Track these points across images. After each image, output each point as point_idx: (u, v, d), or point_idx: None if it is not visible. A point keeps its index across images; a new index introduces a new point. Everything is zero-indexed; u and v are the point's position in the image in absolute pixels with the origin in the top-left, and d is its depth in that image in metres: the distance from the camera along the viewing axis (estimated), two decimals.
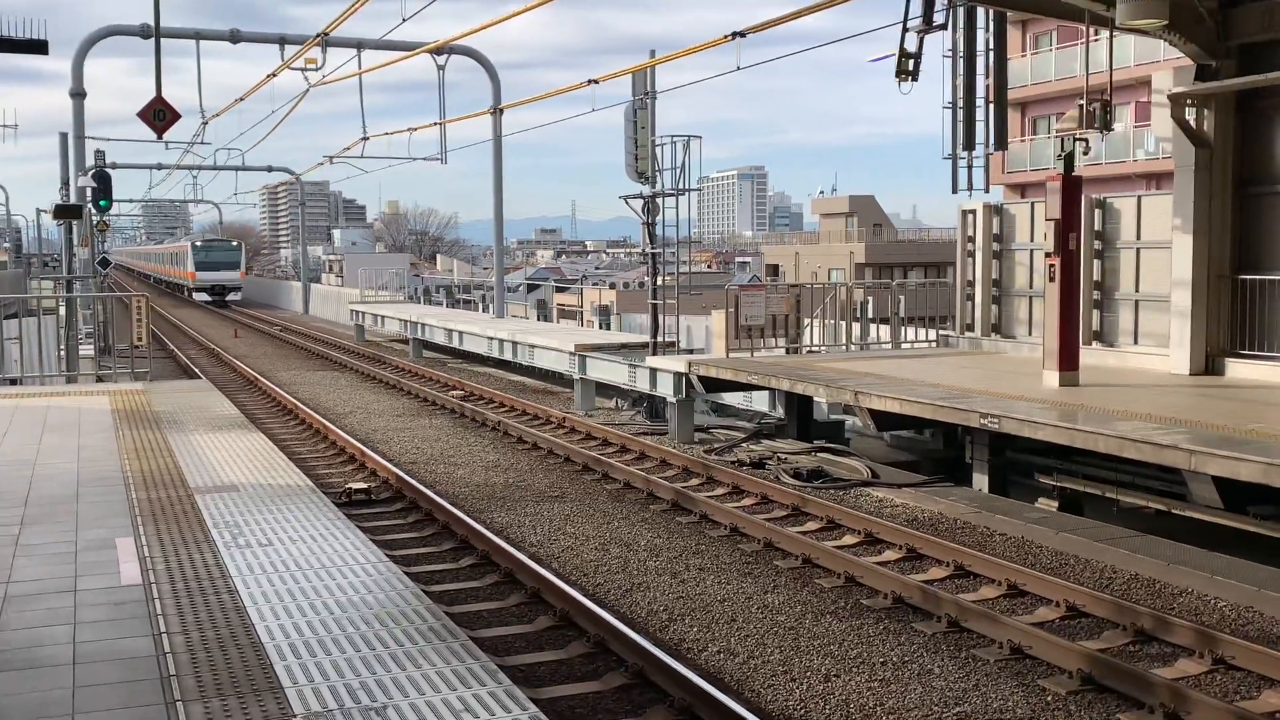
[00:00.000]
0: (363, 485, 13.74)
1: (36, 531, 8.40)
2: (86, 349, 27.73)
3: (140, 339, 19.78)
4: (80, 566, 7.45)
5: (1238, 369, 14.94)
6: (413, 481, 13.71)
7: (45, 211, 43.80)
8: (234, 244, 73.11)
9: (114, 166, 41.52)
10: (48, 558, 7.67)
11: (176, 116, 16.42)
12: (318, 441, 17.99)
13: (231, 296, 68.27)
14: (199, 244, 71.44)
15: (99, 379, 21.25)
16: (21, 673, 5.63)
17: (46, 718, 5.09)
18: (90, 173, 28.38)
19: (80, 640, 6.07)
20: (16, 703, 5.26)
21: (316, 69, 25.79)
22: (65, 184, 30.70)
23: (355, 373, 28.59)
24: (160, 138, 17.00)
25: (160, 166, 52.44)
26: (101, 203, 27.75)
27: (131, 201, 79.04)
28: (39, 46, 6.97)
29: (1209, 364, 15.24)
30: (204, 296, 68.49)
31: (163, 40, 19.83)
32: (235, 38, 29.96)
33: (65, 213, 27.09)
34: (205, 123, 32.07)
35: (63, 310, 25.17)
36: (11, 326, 23.52)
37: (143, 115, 16.09)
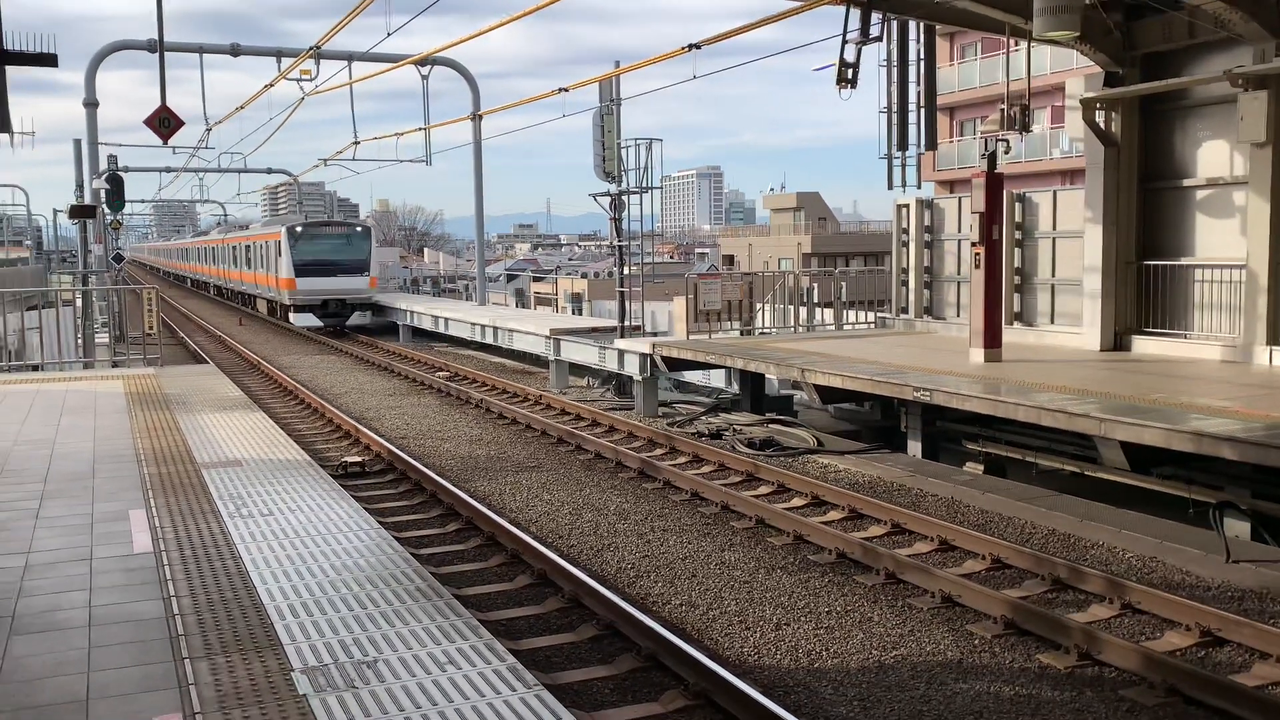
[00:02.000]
0: (357, 458, 13.62)
1: (55, 505, 8.27)
2: (102, 337, 27.35)
3: (151, 328, 19.53)
4: (96, 537, 7.33)
5: (1143, 345, 15.07)
6: (403, 455, 13.61)
7: (62, 212, 43.18)
8: (359, 227, 37.39)
9: (126, 170, 40.86)
10: (65, 529, 7.56)
11: (180, 123, 16.15)
12: (315, 419, 17.82)
13: (355, 319, 35.96)
14: (300, 228, 35.45)
15: (114, 365, 20.95)
16: (41, 634, 5.53)
17: (63, 675, 5.01)
18: (104, 176, 27.93)
19: (95, 604, 5.97)
20: (36, 662, 5.17)
21: (310, 79, 25.48)
22: (80, 186, 30.22)
23: (350, 356, 28.35)
24: (166, 143, 16.72)
25: (169, 170, 51.59)
26: (115, 203, 27.31)
27: (143, 202, 77.80)
28: (48, 60, 6.78)
29: (1117, 341, 15.36)
30: (306, 319, 35.65)
31: (169, 54, 19.51)
32: (236, 51, 29.53)
33: (80, 213, 26.66)
34: (209, 129, 31.57)
35: (80, 302, 24.82)
36: (33, 317, 23.15)
37: (149, 122, 15.83)
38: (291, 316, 35.81)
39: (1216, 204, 14.53)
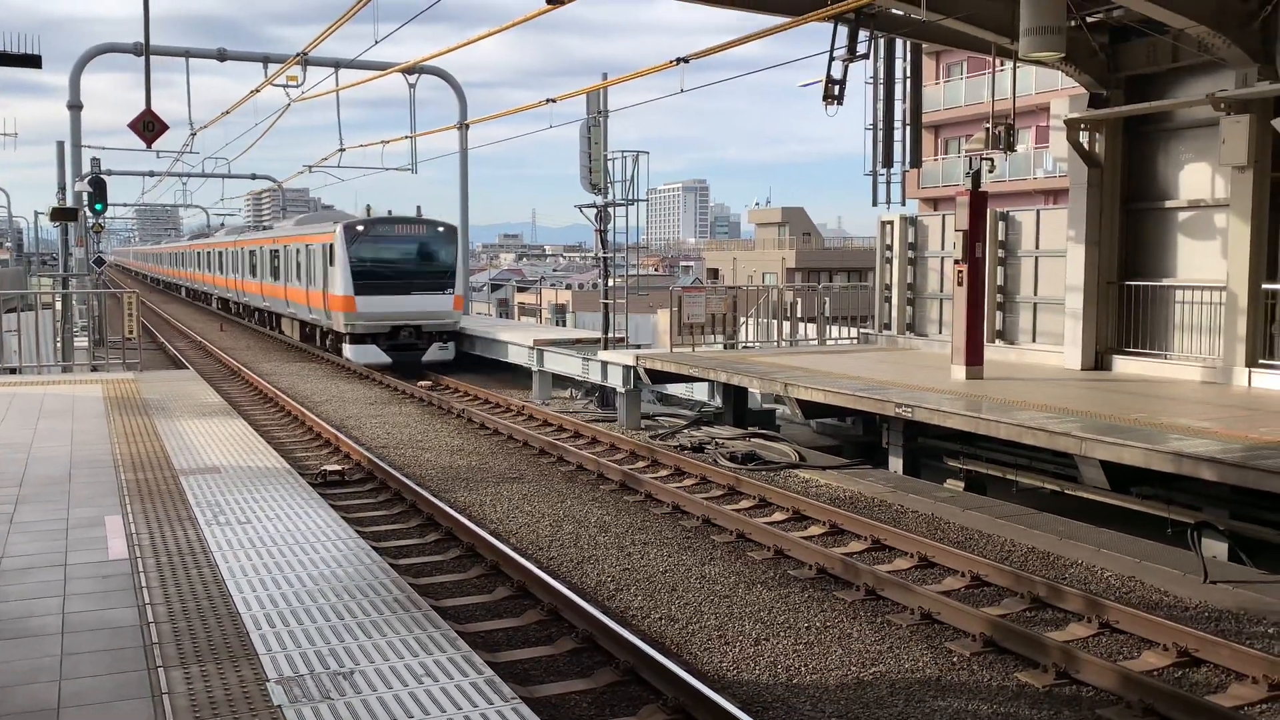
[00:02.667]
0: (336, 467, 13.55)
1: (30, 510, 8.19)
2: (81, 341, 27.17)
3: (131, 332, 19.41)
4: (70, 542, 7.27)
5: (1124, 364, 15.16)
6: (383, 464, 13.54)
7: (44, 214, 42.89)
8: (440, 227, 25.98)
9: (109, 173, 40.75)
10: (40, 534, 7.48)
11: (165, 128, 16.08)
12: (295, 427, 17.73)
13: (437, 354, 25.28)
14: (362, 226, 25.17)
15: (93, 369, 20.82)
16: (13, 641, 5.47)
17: (35, 683, 4.95)
18: (86, 179, 27.77)
19: (69, 611, 5.92)
20: (7, 669, 5.11)
21: (297, 85, 25.43)
22: (62, 189, 30.03)
23: (331, 364, 28.23)
24: (150, 147, 16.65)
25: (152, 174, 51.43)
26: (97, 206, 27.16)
27: (126, 205, 77.46)
28: (33, 61, 6.76)
29: (1098, 360, 15.45)
30: (371, 354, 24.79)
31: (155, 57, 19.42)
32: (222, 56, 29.48)
33: (62, 215, 26.50)
34: (194, 134, 31.47)
35: (59, 305, 24.66)
36: (11, 320, 22.98)
37: (133, 126, 15.75)
38: (347, 349, 24.39)
39: (1198, 226, 14.65)
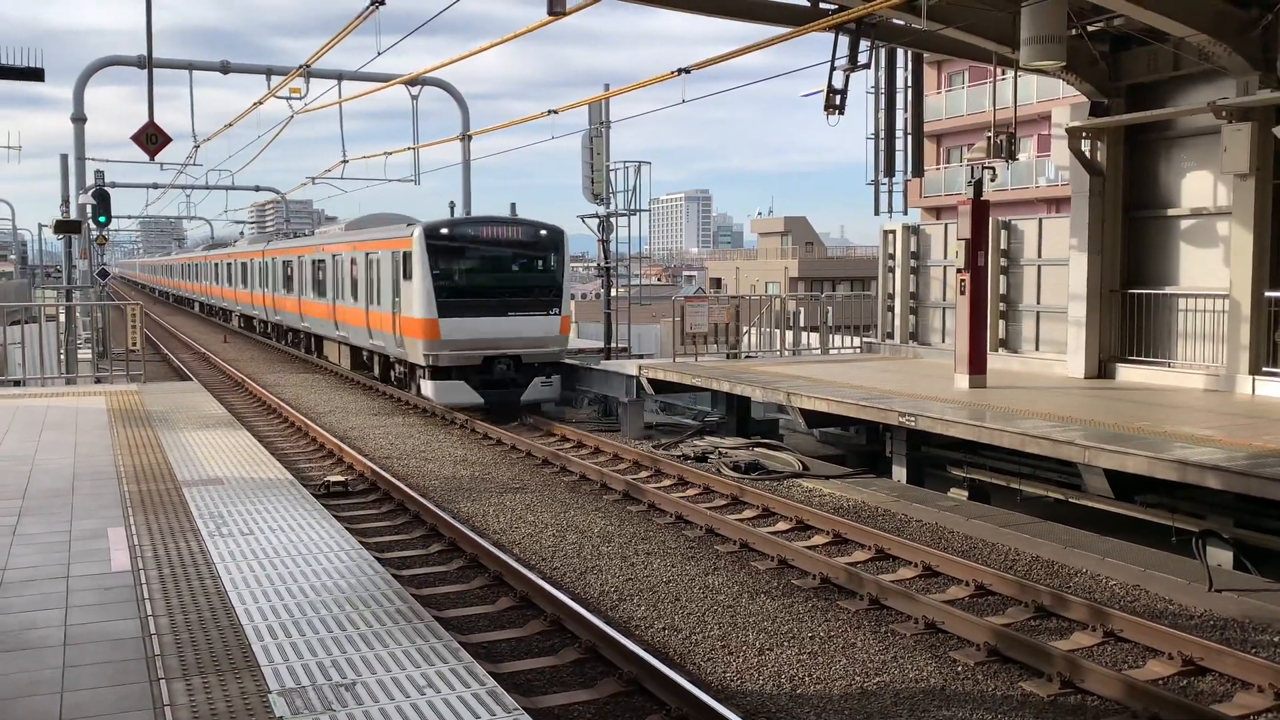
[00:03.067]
0: (340, 478, 13.55)
1: (33, 522, 8.19)
2: (85, 353, 27.21)
3: (135, 344, 19.43)
4: (73, 554, 7.26)
5: (1127, 373, 15.14)
6: (386, 474, 13.54)
7: (47, 226, 43.01)
8: (543, 230, 19.73)
9: (113, 185, 40.84)
10: (43, 546, 7.48)
11: (167, 140, 16.14)
12: (299, 438, 17.73)
13: (540, 392, 19.36)
14: (447, 230, 19.20)
15: (96, 381, 20.84)
16: (14, 653, 5.46)
17: (37, 695, 4.94)
18: (90, 191, 27.84)
19: (71, 623, 5.91)
20: (9, 681, 5.10)
21: (300, 97, 25.47)
22: (66, 201, 30.10)
23: (335, 375, 28.25)
24: (153, 159, 16.71)
25: (156, 186, 51.60)
26: (100, 219, 27.22)
27: (130, 218, 77.77)
28: (35, 74, 6.79)
29: (1101, 368, 15.44)
30: (458, 393, 18.78)
31: (158, 70, 19.49)
32: (225, 69, 29.52)
33: (65, 228, 26.57)
34: (197, 146, 31.53)
35: (63, 317, 24.70)
36: (15, 332, 23.02)
37: (136, 139, 15.81)
38: (428, 386, 18.88)
39: (1200, 234, 14.65)
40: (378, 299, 21.28)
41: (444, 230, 19.06)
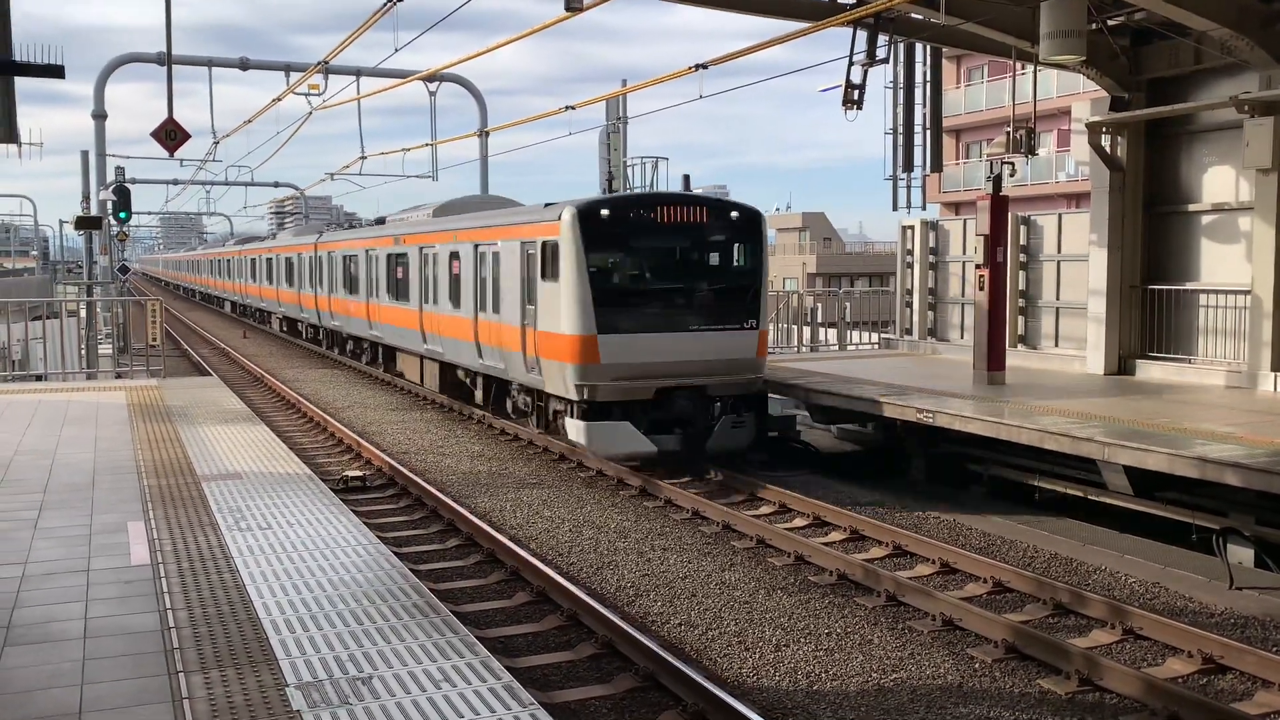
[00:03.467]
0: (358, 473, 13.60)
1: (54, 516, 8.25)
2: (105, 348, 27.41)
3: (155, 339, 19.56)
4: (93, 548, 7.32)
5: (1147, 369, 15.04)
6: (404, 469, 13.58)
7: (68, 222, 43.29)
8: (733, 212, 14.37)
9: (133, 182, 41.09)
10: (63, 540, 7.54)
11: (186, 136, 16.24)
12: (317, 433, 17.81)
13: (730, 437, 13.92)
14: (608, 211, 13.80)
15: (117, 376, 20.99)
16: (35, 646, 5.51)
17: (57, 687, 4.99)
18: (111, 187, 28.04)
19: (91, 616, 5.95)
20: (30, 674, 5.15)
21: (319, 94, 25.62)
22: (86, 198, 30.33)
23: (353, 370, 28.36)
24: (172, 155, 16.83)
25: (176, 182, 51.94)
26: (121, 215, 27.42)
27: (150, 214, 78.37)
28: (56, 71, 6.83)
29: (1121, 365, 15.33)
30: (623, 438, 13.31)
31: (178, 67, 19.64)
32: (245, 65, 29.69)
33: (86, 224, 26.78)
34: (217, 142, 31.78)
35: (84, 312, 24.88)
36: (37, 328, 23.21)
37: (156, 135, 15.92)
38: (578, 429, 13.72)
39: (1222, 229, 14.53)
40: (494, 305, 16.05)
41: (606, 212, 13.75)
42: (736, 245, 14.41)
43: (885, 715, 6.70)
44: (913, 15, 14.81)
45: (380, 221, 25.60)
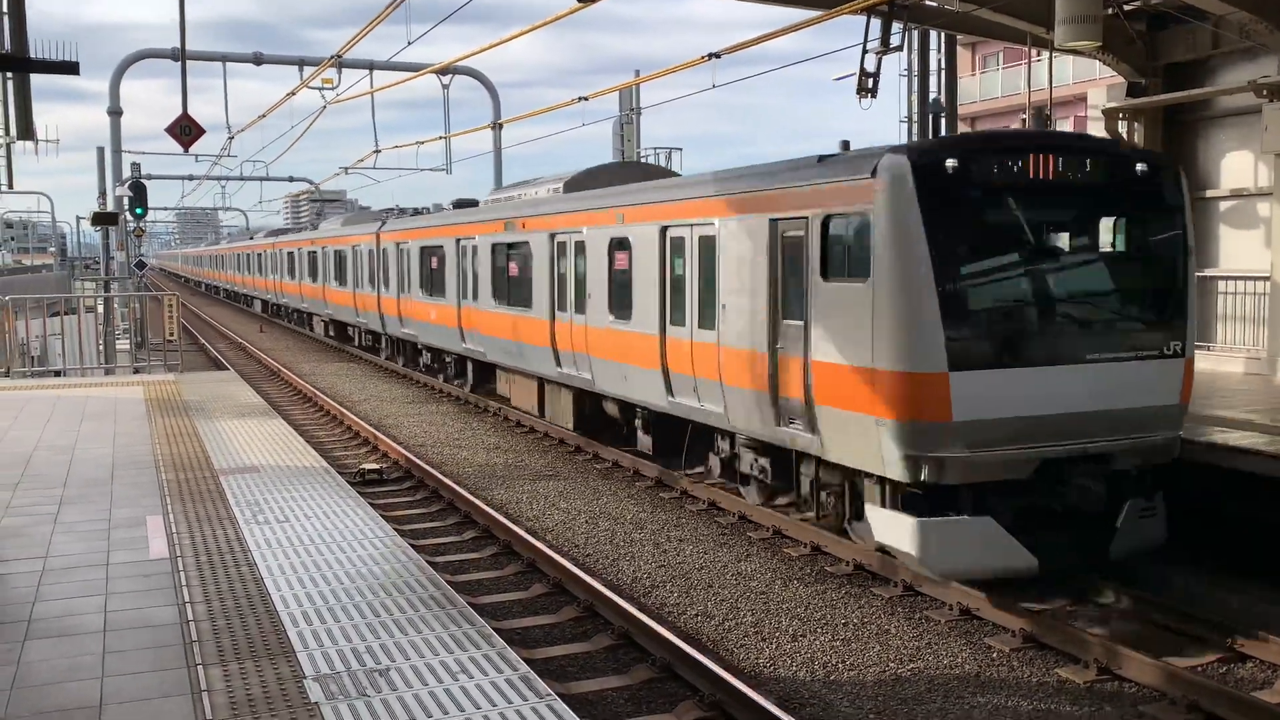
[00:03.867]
0: (375, 466, 13.65)
1: (73, 510, 8.32)
2: (123, 343, 27.56)
3: (172, 334, 19.67)
4: (112, 542, 7.37)
5: None
6: (421, 462, 13.63)
7: (85, 219, 43.52)
8: (1142, 166, 8.75)
9: (149, 177, 41.33)
10: (83, 534, 7.60)
11: (201, 131, 16.31)
12: (334, 426, 17.88)
13: (1144, 532, 8.63)
14: (957, 163, 8.09)
15: (135, 371, 21.11)
16: (57, 639, 5.56)
17: (78, 680, 5.03)
18: (127, 183, 28.18)
19: (111, 610, 6.00)
20: (51, 666, 5.19)
21: (332, 88, 25.67)
22: (103, 194, 30.49)
23: (369, 364, 28.46)
24: (187, 151, 16.91)
25: (191, 177, 52.19)
26: (137, 210, 27.55)
27: (166, 209, 78.78)
28: (70, 67, 6.87)
29: None
30: (979, 544, 8.03)
31: (192, 62, 19.67)
32: (258, 60, 29.76)
33: (102, 220, 26.92)
34: (231, 137, 31.90)
35: (101, 308, 25.04)
36: (55, 324, 23.37)
37: (170, 130, 15.99)
38: (900, 528, 8.38)
39: (1240, 215, 14.41)
40: (703, 317, 11.41)
41: (954, 163, 8.39)
42: (1148, 219, 9.16)
43: (902, 705, 6.69)
44: (927, 2, 14.74)
45: (466, 204, 21.01)
